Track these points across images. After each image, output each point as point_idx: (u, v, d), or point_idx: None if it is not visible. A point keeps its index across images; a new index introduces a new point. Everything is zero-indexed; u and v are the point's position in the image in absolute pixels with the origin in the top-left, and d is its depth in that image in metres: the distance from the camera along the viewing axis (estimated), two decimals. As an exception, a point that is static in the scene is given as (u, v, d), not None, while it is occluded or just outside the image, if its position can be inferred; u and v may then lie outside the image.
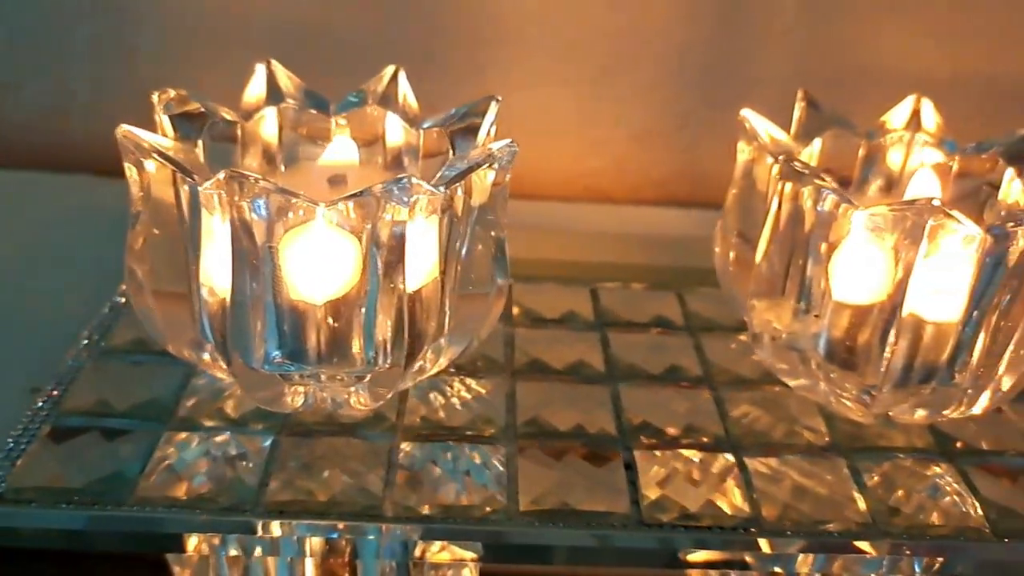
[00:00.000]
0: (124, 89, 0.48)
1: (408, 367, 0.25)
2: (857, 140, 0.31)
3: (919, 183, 0.30)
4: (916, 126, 0.32)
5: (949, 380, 0.27)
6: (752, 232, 0.29)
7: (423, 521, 0.24)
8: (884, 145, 0.31)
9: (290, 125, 0.29)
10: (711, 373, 0.31)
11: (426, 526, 0.24)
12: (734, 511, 0.25)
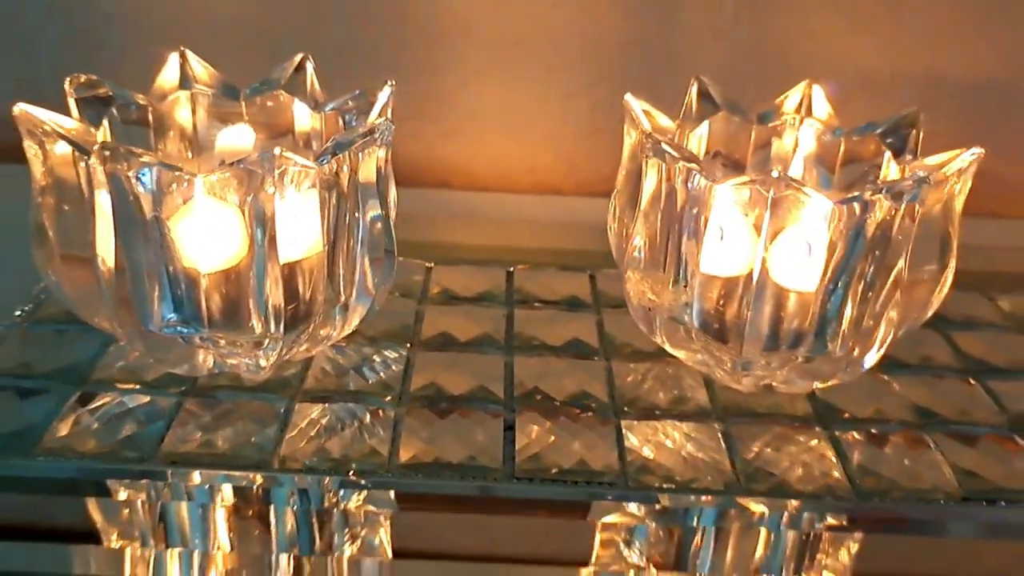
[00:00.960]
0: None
1: (293, 332, 0.27)
2: (749, 125, 0.33)
3: (802, 165, 0.32)
4: (807, 111, 0.33)
5: (823, 349, 0.28)
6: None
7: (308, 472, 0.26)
8: (777, 129, 0.33)
9: (204, 110, 0.31)
10: (608, 346, 0.32)
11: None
12: (604, 468, 0.27)
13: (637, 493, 0.26)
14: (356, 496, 0.26)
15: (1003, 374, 0.33)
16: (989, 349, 0.34)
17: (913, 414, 0.30)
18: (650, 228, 0.28)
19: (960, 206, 0.28)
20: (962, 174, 0.27)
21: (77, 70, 0.51)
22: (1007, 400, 0.31)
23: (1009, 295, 0.38)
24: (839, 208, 0.25)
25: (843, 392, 0.30)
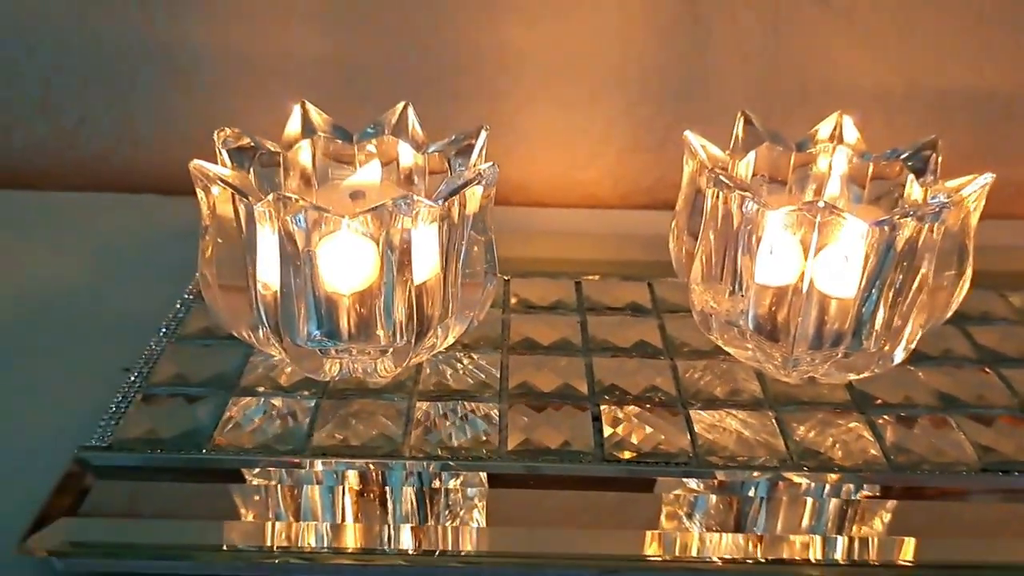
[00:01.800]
0: (181, 121, 0.56)
1: (419, 343, 0.32)
2: (789, 152, 0.37)
3: (838, 184, 0.37)
4: (839, 139, 0.38)
5: (859, 346, 0.33)
6: (697, 230, 0.35)
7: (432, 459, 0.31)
8: (812, 155, 0.38)
9: (322, 153, 0.36)
10: (670, 346, 0.37)
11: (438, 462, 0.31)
12: (678, 450, 0.32)
13: (706, 471, 0.31)
14: (475, 477, 0.31)
15: (1014, 363, 0.38)
16: (1002, 341, 0.39)
17: (937, 399, 0.35)
18: (709, 246, 0.33)
19: (975, 221, 0.33)
20: (976, 196, 0.32)
21: (170, 106, 0.56)
22: (1018, 385, 0.36)
23: (1020, 292, 0.43)
24: (873, 229, 0.30)
25: (876, 382, 0.35)
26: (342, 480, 0.31)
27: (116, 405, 0.33)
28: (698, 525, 0.30)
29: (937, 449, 0.33)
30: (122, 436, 0.31)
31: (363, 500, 0.31)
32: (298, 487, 0.31)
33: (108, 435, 0.31)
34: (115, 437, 0.31)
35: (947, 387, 0.36)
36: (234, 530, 0.30)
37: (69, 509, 0.29)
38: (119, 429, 0.32)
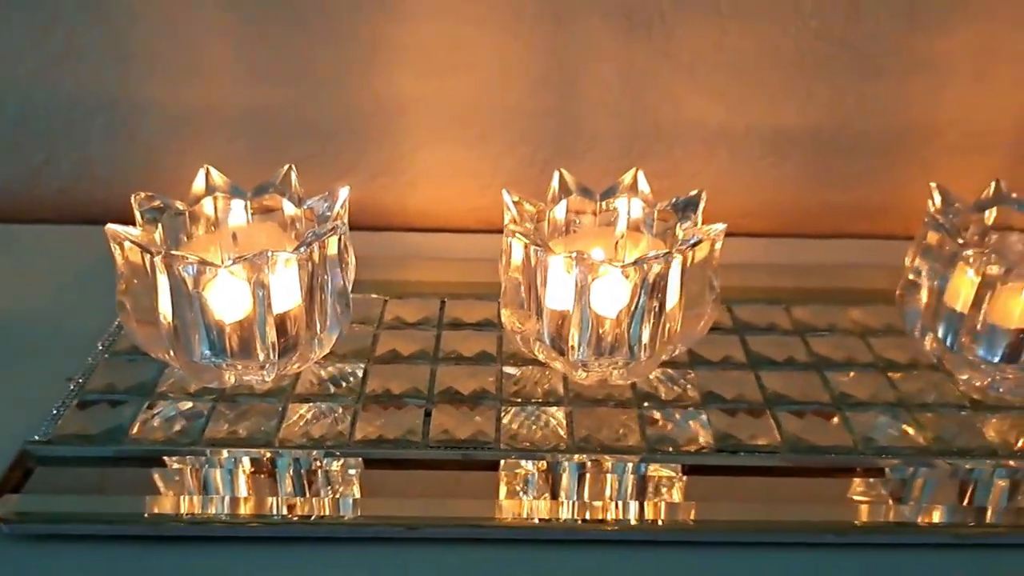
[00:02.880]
0: (130, 162, 0.65)
1: (286, 359, 0.41)
2: (594, 201, 0.47)
3: (626, 226, 0.46)
4: (634, 191, 0.47)
5: (632, 356, 0.42)
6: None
7: (295, 447, 0.41)
8: (612, 203, 0.47)
9: (222, 205, 0.45)
10: (504, 355, 0.47)
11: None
12: (488, 438, 0.41)
13: (513, 452, 0.41)
14: (335, 462, 0.40)
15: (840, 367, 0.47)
16: (835, 349, 0.48)
17: (762, 394, 0.45)
18: (516, 280, 0.43)
19: (716, 260, 0.42)
20: (712, 242, 0.41)
21: (121, 150, 0.65)
22: (836, 385, 0.46)
23: (857, 306, 0.52)
24: (627, 269, 0.40)
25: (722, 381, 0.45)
26: (236, 464, 0.41)
27: (57, 408, 0.43)
28: (505, 494, 0.40)
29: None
30: (60, 432, 0.41)
31: (254, 479, 0.40)
32: (201, 470, 0.41)
33: (49, 431, 0.41)
34: (55, 433, 0.41)
35: (778, 385, 0.46)
36: (147, 502, 0.39)
37: (16, 487, 0.38)
38: (58, 427, 0.41)
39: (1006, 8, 0.60)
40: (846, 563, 0.37)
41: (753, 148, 0.65)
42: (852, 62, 0.62)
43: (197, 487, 0.40)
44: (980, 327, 0.42)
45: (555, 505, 0.39)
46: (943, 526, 0.38)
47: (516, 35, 0.61)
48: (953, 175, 0.66)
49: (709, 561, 0.38)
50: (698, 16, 0.60)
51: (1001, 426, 0.43)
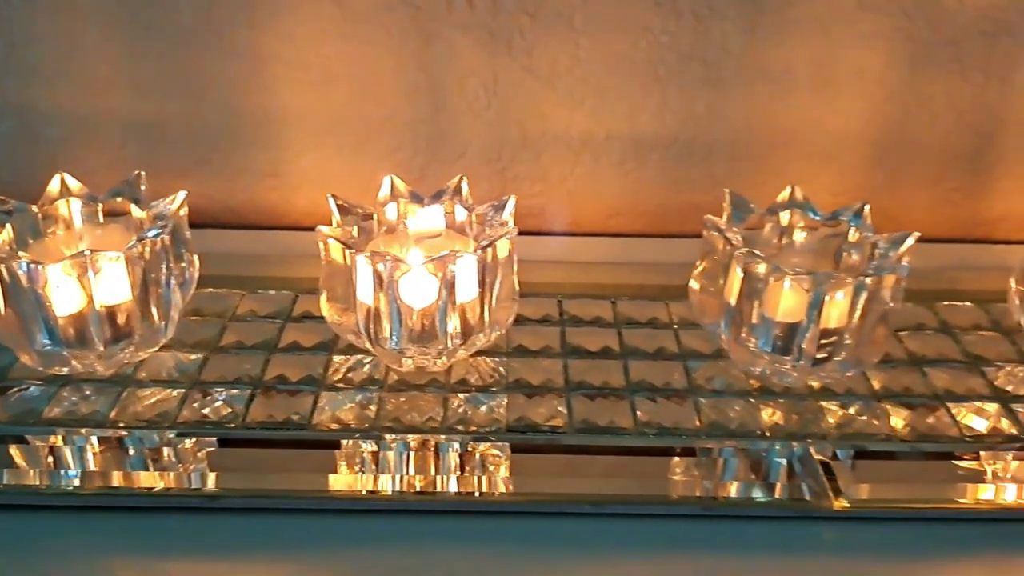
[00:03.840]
0: (32, 166, 0.70)
1: (116, 347, 0.46)
2: (422, 205, 0.51)
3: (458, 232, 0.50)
4: (458, 195, 0.51)
5: (445, 345, 0.47)
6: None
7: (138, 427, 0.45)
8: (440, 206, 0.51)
9: (78, 208, 0.50)
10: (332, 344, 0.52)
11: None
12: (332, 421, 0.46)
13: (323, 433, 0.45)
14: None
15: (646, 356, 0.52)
16: (646, 340, 0.53)
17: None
18: (331, 280, 0.47)
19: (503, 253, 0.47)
20: (503, 236, 0.45)
21: (25, 155, 0.69)
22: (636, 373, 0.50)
23: (681, 301, 0.57)
24: (428, 266, 0.44)
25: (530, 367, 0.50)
26: (87, 441, 0.45)
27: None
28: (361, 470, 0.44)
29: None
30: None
31: (109, 455, 0.45)
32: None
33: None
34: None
35: (582, 373, 0.50)
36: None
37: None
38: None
39: (839, 26, 0.64)
40: (614, 529, 0.42)
41: (614, 154, 0.69)
42: (701, 74, 0.66)
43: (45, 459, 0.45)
44: (756, 320, 0.47)
45: (377, 479, 0.44)
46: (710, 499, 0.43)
47: (387, 50, 0.65)
48: (800, 179, 0.69)
49: (522, 528, 0.42)
50: (554, 32, 0.64)
51: (775, 411, 0.48)
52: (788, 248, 0.51)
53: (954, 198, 0.70)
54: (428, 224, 0.51)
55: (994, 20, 0.64)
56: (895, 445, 0.45)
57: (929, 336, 0.54)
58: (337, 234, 0.46)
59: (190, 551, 0.40)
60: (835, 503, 0.42)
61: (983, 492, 0.44)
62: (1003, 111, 0.68)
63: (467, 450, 0.45)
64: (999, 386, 0.49)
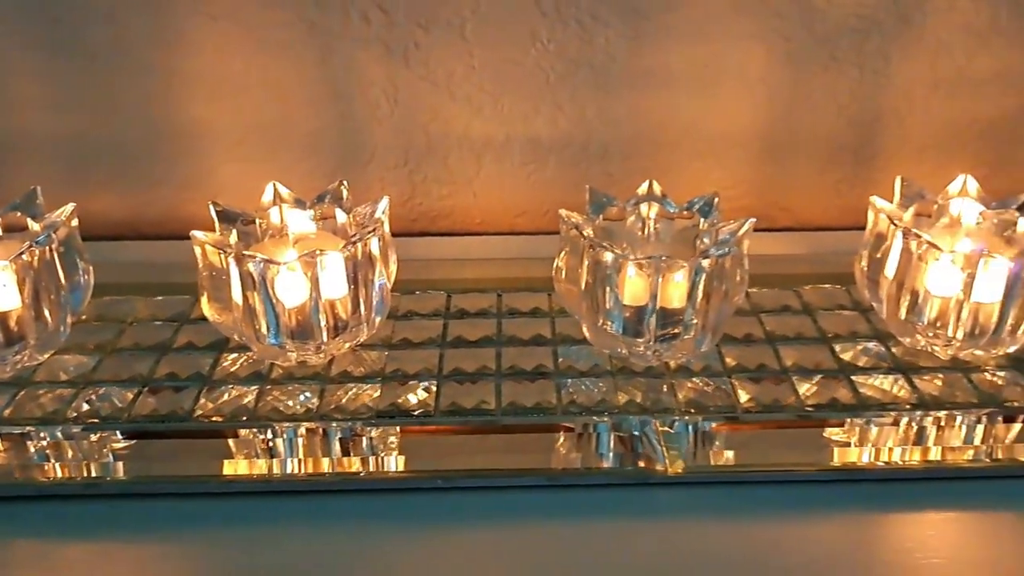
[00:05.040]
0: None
1: (14, 350, 0.49)
2: (304, 210, 0.54)
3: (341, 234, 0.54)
4: (338, 200, 0.55)
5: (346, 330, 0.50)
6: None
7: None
8: (319, 211, 0.55)
9: None
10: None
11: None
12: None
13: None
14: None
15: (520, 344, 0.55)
16: (519, 328, 0.56)
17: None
18: (210, 280, 0.50)
19: (376, 256, 0.50)
20: (366, 242, 0.49)
21: None
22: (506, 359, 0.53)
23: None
24: (299, 263, 0.47)
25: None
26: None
27: None
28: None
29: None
30: None
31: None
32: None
33: None
34: None
35: (456, 360, 0.53)
36: None
37: None
38: None
39: (717, 29, 0.68)
40: (471, 502, 0.45)
41: (515, 156, 0.73)
42: (589, 79, 0.70)
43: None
44: (609, 305, 0.50)
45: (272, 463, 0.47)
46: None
47: (289, 64, 0.68)
48: (693, 175, 0.74)
49: (382, 503, 0.45)
50: (447, 43, 0.68)
51: (632, 389, 0.51)
52: (651, 239, 0.55)
53: (840, 188, 0.74)
54: (307, 227, 0.55)
55: (863, 18, 0.68)
56: (734, 415, 0.49)
57: (788, 317, 0.57)
58: (211, 239, 0.49)
59: (80, 536, 0.44)
60: (670, 469, 0.45)
61: (821, 456, 0.47)
62: (880, 103, 0.71)
63: (348, 435, 0.48)
64: (846, 360, 0.53)
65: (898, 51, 0.69)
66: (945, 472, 0.46)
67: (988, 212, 0.53)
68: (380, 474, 0.46)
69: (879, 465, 0.46)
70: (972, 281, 0.48)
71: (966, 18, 0.68)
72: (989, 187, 0.74)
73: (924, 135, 0.73)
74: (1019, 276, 0.48)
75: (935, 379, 0.51)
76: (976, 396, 0.50)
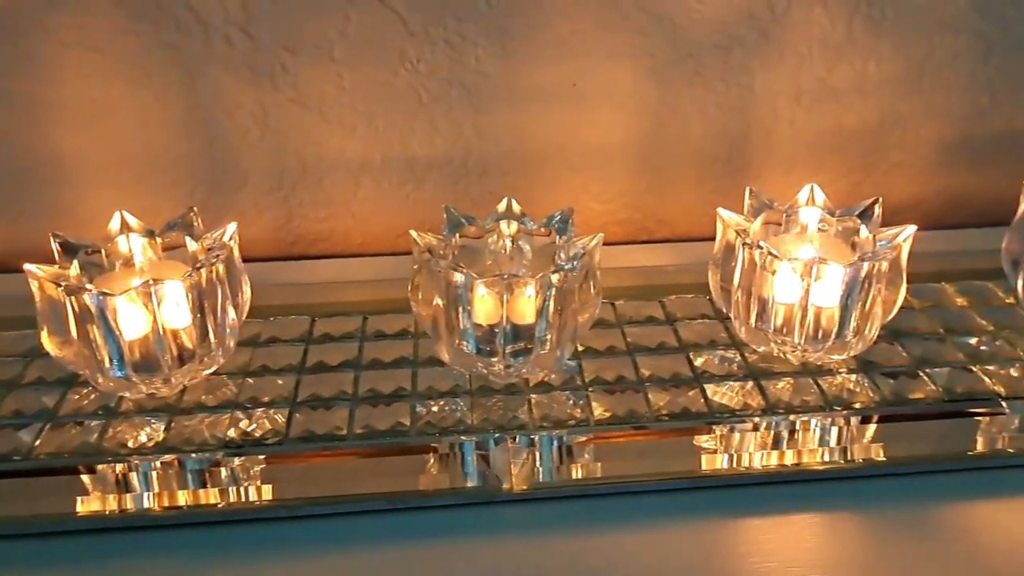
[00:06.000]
0: None
1: None
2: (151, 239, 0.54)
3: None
4: (187, 227, 0.54)
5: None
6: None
7: None
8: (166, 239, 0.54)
9: None
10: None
11: None
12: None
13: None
14: None
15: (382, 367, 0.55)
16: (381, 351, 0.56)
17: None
18: (46, 311, 0.49)
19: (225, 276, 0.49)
20: (215, 264, 0.48)
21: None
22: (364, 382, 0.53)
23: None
24: (136, 292, 0.46)
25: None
26: None
27: None
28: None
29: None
30: None
31: None
32: None
33: None
34: None
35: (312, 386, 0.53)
36: None
37: None
38: None
39: (584, 46, 0.68)
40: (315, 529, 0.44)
41: (393, 176, 0.73)
42: (463, 97, 0.70)
43: None
44: (464, 325, 0.50)
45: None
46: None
47: (151, 90, 0.67)
48: (571, 189, 0.74)
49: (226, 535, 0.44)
50: (315, 65, 0.67)
51: (490, 406, 0.51)
52: (515, 256, 0.55)
53: (713, 199, 0.75)
54: (155, 256, 0.54)
55: (724, 34, 0.69)
56: (583, 429, 0.49)
57: (652, 328, 0.58)
58: (47, 272, 0.48)
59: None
60: (515, 486, 0.45)
61: (671, 465, 0.48)
62: (747, 115, 0.73)
63: (199, 466, 0.47)
64: (701, 368, 0.54)
65: (760, 65, 0.71)
66: (785, 476, 0.47)
67: (831, 219, 0.55)
68: (230, 506, 0.45)
69: (723, 471, 0.47)
70: (809, 287, 0.50)
71: (822, 31, 0.70)
72: (859, 194, 0.77)
73: (791, 145, 0.75)
74: (856, 280, 0.49)
75: (786, 384, 0.52)
76: (822, 400, 0.51)
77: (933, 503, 0.45)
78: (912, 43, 0.71)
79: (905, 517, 0.45)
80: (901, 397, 0.51)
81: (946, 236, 0.74)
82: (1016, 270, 0.57)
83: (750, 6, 0.69)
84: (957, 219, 0.78)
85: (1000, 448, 0.49)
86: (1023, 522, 0.44)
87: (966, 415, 0.51)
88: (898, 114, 0.74)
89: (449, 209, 0.54)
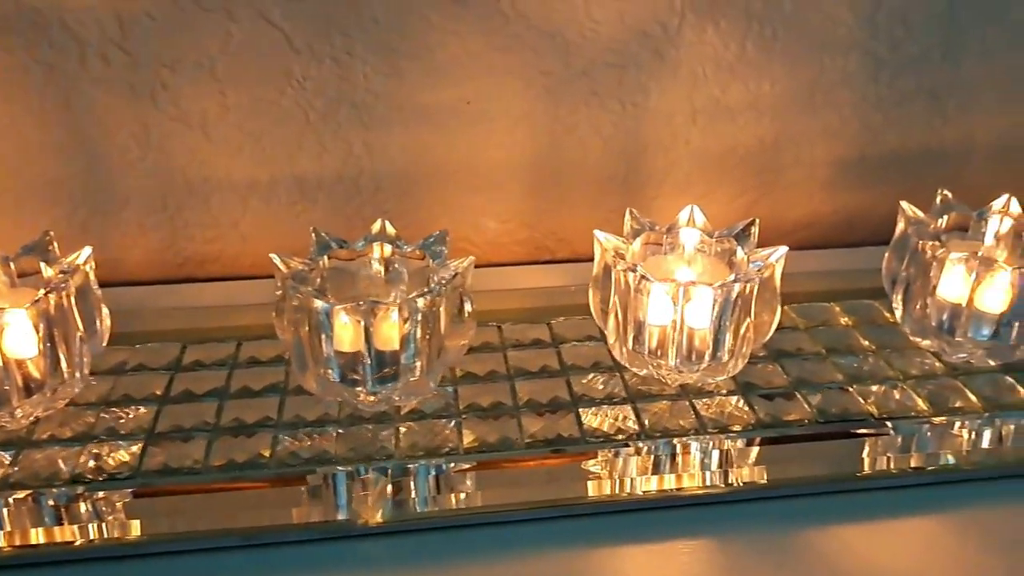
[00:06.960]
0: None
1: None
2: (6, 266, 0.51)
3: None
4: (42, 252, 0.51)
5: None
6: None
7: None
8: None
9: None
10: None
11: None
12: None
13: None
14: None
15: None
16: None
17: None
18: None
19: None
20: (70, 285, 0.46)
21: None
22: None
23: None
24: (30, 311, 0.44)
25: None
26: None
27: None
28: None
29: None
30: None
31: None
32: None
33: None
34: None
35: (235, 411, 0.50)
36: None
37: None
38: None
39: (477, 66, 0.68)
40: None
41: (282, 196, 0.71)
42: (353, 116, 0.68)
43: None
44: (327, 353, 0.48)
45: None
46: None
47: (26, 109, 0.64)
48: (469, 209, 0.73)
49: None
50: (197, 83, 0.65)
51: (355, 437, 0.49)
52: (394, 279, 0.54)
53: (612, 218, 0.75)
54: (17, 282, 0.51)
55: (618, 53, 0.69)
56: (451, 457, 0.48)
57: (537, 351, 0.57)
58: None
59: None
60: (371, 520, 0.44)
61: (541, 493, 0.47)
62: (644, 134, 0.73)
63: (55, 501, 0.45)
64: (580, 392, 0.53)
65: (655, 84, 0.71)
66: (653, 503, 0.46)
67: (709, 240, 0.54)
68: (83, 545, 0.43)
69: (591, 498, 0.46)
70: (683, 309, 0.49)
71: (715, 51, 0.70)
72: (756, 213, 0.77)
73: (689, 164, 0.74)
74: (728, 301, 0.49)
75: (662, 407, 0.52)
76: (697, 423, 0.50)
77: (794, 528, 0.45)
78: (803, 63, 0.72)
79: (763, 541, 0.44)
80: (777, 419, 0.51)
81: (842, 254, 0.75)
82: (895, 288, 0.57)
83: (642, 26, 0.69)
84: (854, 237, 0.79)
85: (882, 469, 0.49)
86: (893, 544, 0.44)
87: (847, 436, 0.51)
88: (792, 133, 0.75)
89: (318, 231, 0.52)
